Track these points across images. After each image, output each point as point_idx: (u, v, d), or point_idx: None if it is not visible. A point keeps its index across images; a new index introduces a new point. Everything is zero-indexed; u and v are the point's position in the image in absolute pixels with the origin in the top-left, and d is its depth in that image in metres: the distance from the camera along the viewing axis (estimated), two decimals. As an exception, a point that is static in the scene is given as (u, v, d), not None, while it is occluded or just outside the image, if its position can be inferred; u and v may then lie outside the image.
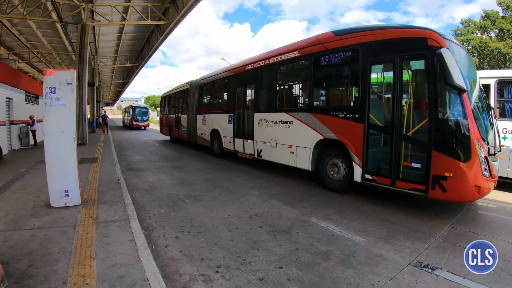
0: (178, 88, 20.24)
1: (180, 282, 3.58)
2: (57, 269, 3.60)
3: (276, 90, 10.01)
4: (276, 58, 9.74)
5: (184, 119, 17.96)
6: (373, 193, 7.51)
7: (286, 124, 9.11)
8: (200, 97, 15.83)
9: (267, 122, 9.92)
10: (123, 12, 17.91)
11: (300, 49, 8.83)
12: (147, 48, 26.33)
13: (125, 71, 39.67)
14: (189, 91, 17.21)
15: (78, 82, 17.15)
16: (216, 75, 14.13)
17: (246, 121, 11.26)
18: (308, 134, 8.32)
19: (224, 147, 12.99)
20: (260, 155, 10.41)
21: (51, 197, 5.89)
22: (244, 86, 11.55)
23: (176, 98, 20.50)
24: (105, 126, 29.44)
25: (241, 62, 12.26)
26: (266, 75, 10.27)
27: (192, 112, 16.46)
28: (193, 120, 16.23)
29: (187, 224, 5.47)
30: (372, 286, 3.57)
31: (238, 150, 11.81)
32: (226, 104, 12.97)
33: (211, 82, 14.64)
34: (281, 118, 9.28)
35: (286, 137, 9.16)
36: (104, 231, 4.74)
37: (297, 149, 8.78)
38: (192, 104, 16.53)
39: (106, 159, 12.23)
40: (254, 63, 10.88)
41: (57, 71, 5.92)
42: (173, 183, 8.72)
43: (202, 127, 15.28)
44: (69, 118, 5.88)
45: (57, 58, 27.85)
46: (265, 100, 10.39)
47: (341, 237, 5.00)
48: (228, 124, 12.41)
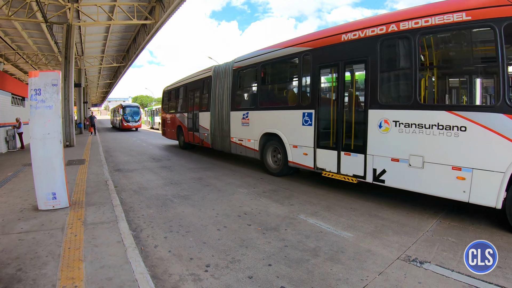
0: (193, 77, 15.35)
1: (170, 282, 3.58)
2: (46, 272, 3.57)
3: (420, 73, 6.13)
4: (421, 20, 5.93)
5: (205, 119, 13.43)
6: (361, 189, 7.58)
7: (451, 131, 5.51)
8: (237, 87, 11.28)
9: (403, 125, 6.15)
10: (109, 12, 17.76)
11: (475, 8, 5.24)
12: (133, 47, 26.20)
13: (112, 71, 39.48)
14: (214, 80, 12.66)
15: (64, 83, 17.01)
16: (271, 52, 9.64)
17: (346, 122, 7.40)
18: (495, 148, 5.04)
19: (291, 161, 8.81)
20: (381, 179, 6.57)
21: (38, 200, 5.83)
22: (342, 65, 7.49)
23: (189, 91, 15.65)
24: (93, 127, 29.11)
25: (328, 31, 8.05)
26: (396, 49, 6.63)
27: (220, 109, 12.03)
28: (223, 119, 11.84)
29: (176, 224, 5.46)
30: (361, 281, 3.60)
31: (323, 168, 7.86)
32: (295, 96, 8.84)
33: (262, 63, 9.99)
34: (439, 121, 5.65)
35: (448, 152, 5.58)
36: (93, 233, 4.71)
37: (474, 174, 5.25)
38: (220, 97, 12.04)
39: (94, 160, 12.11)
40: (367, 29, 6.83)
41: (42, 72, 5.88)
42: (161, 183, 8.68)
43: (241, 130, 10.86)
44: (55, 120, 5.82)
45: (43, 59, 27.57)
46: (394, 89, 6.92)
47: (329, 233, 5.04)
48: (301, 126, 8.31)
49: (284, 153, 9.09)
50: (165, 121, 19.69)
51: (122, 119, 38.81)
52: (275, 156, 9.69)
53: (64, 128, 16.33)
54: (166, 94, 19.62)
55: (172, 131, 18.28)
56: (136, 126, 39.07)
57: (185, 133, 16.07)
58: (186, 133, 16.01)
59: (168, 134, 19.28)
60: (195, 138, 14.78)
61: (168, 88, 19.39)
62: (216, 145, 12.74)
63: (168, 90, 19.30)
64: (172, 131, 18.28)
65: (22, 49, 25.72)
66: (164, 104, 20.13)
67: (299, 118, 8.37)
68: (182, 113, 16.43)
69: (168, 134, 19.28)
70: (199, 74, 14.59)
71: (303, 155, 8.40)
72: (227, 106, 11.60)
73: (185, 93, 16.24)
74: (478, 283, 3.51)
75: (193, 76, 15.41)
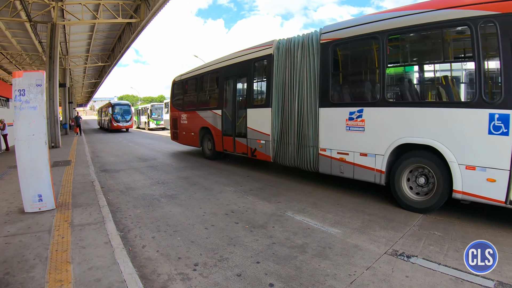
0: (232, 59, 10.99)
1: (158, 282, 3.58)
2: (34, 275, 3.54)
3: None
4: None
5: (260, 118, 9.55)
6: (348, 186, 7.65)
7: None
8: (331, 70, 7.56)
9: None
10: (93, 10, 17.50)
11: None
12: (119, 46, 25.91)
13: (97, 70, 38.94)
14: (278, 61, 8.92)
15: (49, 83, 16.75)
16: (405, 17, 6.11)
17: None
18: None
19: (460, 191, 5.39)
20: None
21: (24, 203, 5.75)
22: None
23: (223, 79, 11.47)
24: (78, 128, 28.73)
25: None
26: None
27: (294, 103, 8.29)
28: (303, 120, 8.10)
29: (163, 224, 5.45)
30: (349, 277, 3.64)
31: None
32: (469, 86, 5.94)
33: (385, 32, 6.38)
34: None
35: None
36: (80, 235, 4.68)
37: None
38: (294, 86, 8.29)
39: (80, 161, 11.98)
40: None
41: (26, 72, 5.80)
42: (147, 183, 8.63)
43: (345, 137, 7.16)
44: (39, 121, 5.75)
45: (27, 59, 27.07)
46: None
47: (317, 229, 5.09)
48: (487, 136, 5.09)
49: (443, 178, 5.64)
50: (178, 121, 14.89)
51: (111, 118, 35.08)
52: (419, 181, 6.12)
53: (49, 129, 16.08)
54: (180, 86, 15.02)
55: (190, 134, 13.78)
56: (127, 126, 35.70)
57: (217, 139, 11.82)
58: (218, 139, 11.72)
59: (183, 138, 14.75)
60: (238, 146, 10.58)
61: (182, 77, 14.73)
62: (284, 159, 8.77)
63: (182, 80, 14.68)
64: (190, 134, 13.78)
65: (6, 49, 25.22)
66: (176, 99, 15.41)
67: (482, 122, 5.12)
68: (210, 110, 12.13)
69: (183, 138, 14.75)
70: (246, 53, 10.32)
71: (486, 181, 5.16)
72: (309, 99, 7.91)
73: (216, 82, 12.04)
74: (464, 275, 3.58)
75: (232, 58, 11.04)
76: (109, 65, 32.03)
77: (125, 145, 20.35)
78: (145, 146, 18.95)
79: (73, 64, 30.51)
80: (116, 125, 34.47)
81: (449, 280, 3.53)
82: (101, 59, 30.42)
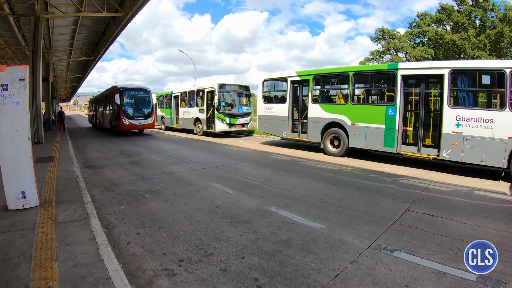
0: None
1: (144, 278, 3.59)
2: (18, 273, 3.50)
3: None
4: None
5: None
6: (332, 181, 7.72)
7: None
8: None
9: None
10: (78, 4, 17.18)
11: None
12: (103, 40, 25.52)
13: (81, 65, 38.21)
14: None
15: (32, 78, 16.41)
16: None
17: None
18: None
19: None
20: None
21: (7, 200, 5.66)
22: None
23: None
24: (61, 123, 28.23)
25: None
26: None
27: None
28: None
29: (148, 220, 5.43)
30: (333, 271, 3.71)
31: None
32: None
33: None
34: None
35: None
36: (64, 232, 4.64)
37: None
38: None
39: (63, 157, 11.82)
40: None
41: (9, 67, 5.68)
42: (132, 178, 8.56)
43: None
44: (22, 116, 5.65)
45: (10, 53, 26.52)
46: None
47: (301, 224, 5.16)
48: None
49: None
50: None
51: (119, 112, 21.49)
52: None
53: (32, 124, 15.79)
54: None
55: None
56: (145, 125, 22.36)
57: None
58: None
59: None
60: None
61: None
62: None
63: None
64: None
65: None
66: None
67: None
68: None
69: None
70: None
71: None
72: None
73: None
74: (447, 269, 3.70)
75: None
76: (93, 60, 31.57)
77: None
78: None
79: (57, 58, 29.99)
80: (128, 124, 21.48)
81: (431, 273, 3.62)
82: (85, 54, 29.94)
